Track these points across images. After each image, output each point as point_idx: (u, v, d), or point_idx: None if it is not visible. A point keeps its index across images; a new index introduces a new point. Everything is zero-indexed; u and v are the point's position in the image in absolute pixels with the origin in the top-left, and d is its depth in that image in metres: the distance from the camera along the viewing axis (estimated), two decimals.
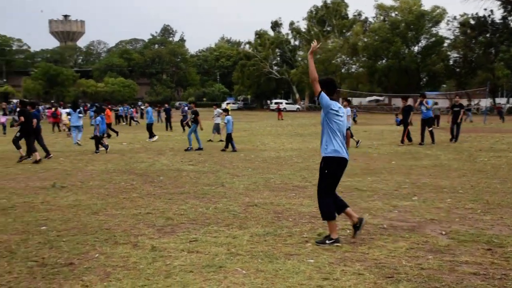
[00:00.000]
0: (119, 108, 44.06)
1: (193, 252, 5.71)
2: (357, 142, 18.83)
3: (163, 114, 35.83)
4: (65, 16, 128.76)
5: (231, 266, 5.21)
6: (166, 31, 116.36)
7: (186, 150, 18.00)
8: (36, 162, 14.66)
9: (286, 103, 78.22)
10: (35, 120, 15.72)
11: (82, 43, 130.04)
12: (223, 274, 4.99)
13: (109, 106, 32.18)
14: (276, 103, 76.43)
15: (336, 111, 6.12)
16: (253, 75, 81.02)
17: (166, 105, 35.10)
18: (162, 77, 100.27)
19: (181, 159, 15.38)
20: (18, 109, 17.90)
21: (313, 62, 6.22)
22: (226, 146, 18.02)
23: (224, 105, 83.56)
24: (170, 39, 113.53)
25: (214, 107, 23.81)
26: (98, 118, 18.16)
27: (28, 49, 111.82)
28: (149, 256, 5.58)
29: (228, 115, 19.10)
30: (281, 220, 7.32)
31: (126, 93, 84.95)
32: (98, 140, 17.77)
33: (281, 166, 13.61)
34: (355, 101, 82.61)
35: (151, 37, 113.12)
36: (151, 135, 23.21)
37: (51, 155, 15.93)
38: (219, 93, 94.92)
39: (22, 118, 14.99)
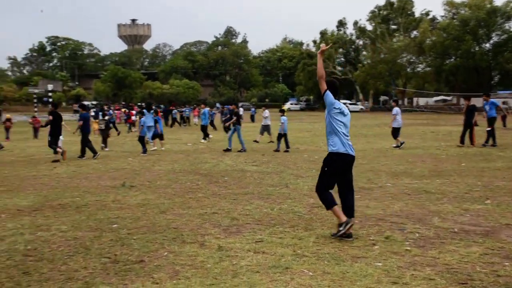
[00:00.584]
0: (184, 109, 44.88)
1: (259, 253, 5.75)
2: (401, 144, 18.40)
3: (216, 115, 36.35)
4: (133, 20, 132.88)
5: (298, 268, 5.20)
6: (229, 33, 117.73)
7: (225, 150, 18.19)
8: (55, 161, 15.47)
9: (349, 104, 77.26)
10: (80, 122, 16.97)
11: (148, 46, 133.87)
12: (289, 275, 4.99)
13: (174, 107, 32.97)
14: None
15: (339, 109, 6.49)
16: (316, 75, 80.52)
17: (230, 107, 35.38)
18: (225, 79, 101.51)
19: (245, 160, 15.51)
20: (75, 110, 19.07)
21: (322, 61, 6.55)
22: (278, 146, 18.22)
23: (287, 105, 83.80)
24: (233, 40, 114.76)
25: (263, 108, 23.91)
26: (143, 119, 18.80)
27: (98, 53, 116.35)
28: (216, 256, 5.66)
29: (283, 115, 19.16)
30: None
31: (190, 94, 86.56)
32: (143, 141, 18.30)
33: None
34: (422, 101, 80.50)
35: (214, 39, 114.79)
36: (205, 136, 23.67)
37: (99, 153, 16.79)
38: (282, 94, 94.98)
39: (51, 117, 16.09)
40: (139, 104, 57.19)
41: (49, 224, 7.31)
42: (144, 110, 19.84)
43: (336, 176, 6.42)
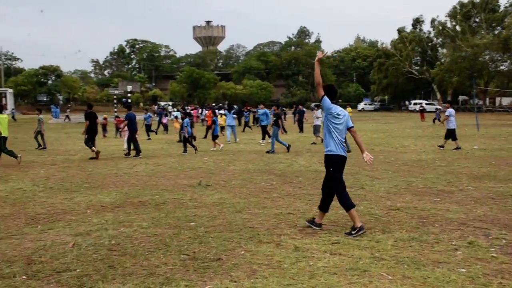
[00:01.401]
0: (257, 109, 45.14)
1: (335, 254, 5.70)
2: (457, 148, 17.90)
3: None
4: (208, 22, 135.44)
5: (376, 271, 5.11)
6: (303, 33, 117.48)
7: (267, 152, 18.12)
8: (92, 158, 16.52)
9: (426, 104, 74.89)
10: (126, 122, 17.90)
11: (222, 47, 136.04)
12: (367, 278, 4.91)
13: (248, 108, 33.27)
14: (415, 103, 73.54)
15: (336, 113, 6.89)
16: (391, 75, 78.65)
17: (300, 107, 35.28)
18: (298, 79, 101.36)
19: (319, 160, 15.40)
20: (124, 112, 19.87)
21: (318, 69, 6.96)
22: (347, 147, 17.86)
23: (362, 105, 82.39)
24: (306, 40, 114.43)
25: (316, 108, 23.79)
26: (186, 119, 19.14)
27: (174, 55, 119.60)
28: (293, 256, 5.66)
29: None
30: (427, 225, 7.02)
31: (262, 95, 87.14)
32: (186, 141, 18.64)
33: (424, 169, 13.07)
34: (505, 100, 76.61)
35: (287, 39, 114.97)
36: (264, 136, 23.71)
37: (141, 155, 17.21)
38: (355, 94, 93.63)
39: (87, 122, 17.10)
40: (213, 104, 58.23)
41: (130, 221, 7.60)
42: (225, 111, 20.42)
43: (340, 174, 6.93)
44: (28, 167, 14.37)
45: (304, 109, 35.54)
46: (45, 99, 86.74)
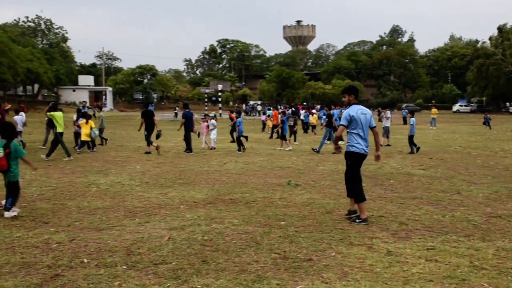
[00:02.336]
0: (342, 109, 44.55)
1: (431, 261, 5.50)
2: None
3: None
4: (298, 22, 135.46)
5: (476, 281, 4.87)
6: (395, 31, 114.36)
7: (313, 150, 18.43)
8: (147, 152, 17.64)
9: None
10: (183, 120, 18.43)
11: (312, 46, 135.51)
12: None
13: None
14: None
15: (356, 117, 7.65)
16: (491, 75, 74.45)
17: (380, 109, 34.26)
18: (389, 79, 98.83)
19: (411, 163, 14.95)
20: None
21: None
22: (412, 149, 18.02)
23: (456, 107, 78.77)
24: (399, 39, 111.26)
25: (387, 109, 23.11)
26: (239, 119, 19.39)
27: (264, 54, 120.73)
28: (385, 260, 5.53)
29: (412, 117, 19.05)
30: None
31: None
32: (239, 140, 18.94)
33: None
34: None
35: (379, 38, 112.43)
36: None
37: (193, 152, 17.97)
38: (450, 95, 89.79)
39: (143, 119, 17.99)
40: (304, 104, 58.17)
41: (222, 217, 7.76)
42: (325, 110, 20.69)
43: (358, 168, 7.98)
44: (125, 162, 15.09)
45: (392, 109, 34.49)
46: (140, 97, 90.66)
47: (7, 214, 7.73)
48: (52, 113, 16.28)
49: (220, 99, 56.07)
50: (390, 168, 13.82)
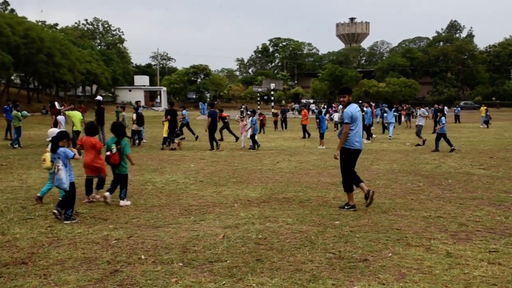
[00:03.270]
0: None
1: (494, 264, 5.30)
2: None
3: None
4: (351, 19, 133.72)
5: None
6: (453, 27, 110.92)
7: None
8: (172, 149, 18.73)
9: None
10: (209, 119, 18.92)
11: (365, 44, 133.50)
12: None
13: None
14: None
15: (356, 116, 8.25)
16: None
17: (436, 106, 33.14)
18: (446, 76, 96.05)
19: (470, 162, 14.49)
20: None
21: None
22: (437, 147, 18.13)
23: (486, 106, 75.47)
24: (457, 35, 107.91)
25: (418, 107, 22.44)
26: (253, 118, 19.57)
27: (316, 52, 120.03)
28: (444, 262, 5.37)
29: (443, 116, 18.83)
30: None
31: (407, 92, 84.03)
32: (253, 138, 19.28)
33: None
34: None
35: (436, 34, 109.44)
36: (369, 136, 22.81)
37: (214, 149, 18.67)
38: None
39: (169, 116, 19.19)
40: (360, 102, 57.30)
41: (276, 216, 7.75)
42: (386, 108, 20.51)
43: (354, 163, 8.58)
44: (180, 161, 15.33)
45: (446, 107, 33.42)
46: (194, 96, 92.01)
47: (122, 202, 8.71)
48: (69, 112, 17.77)
49: (272, 98, 56.06)
50: (448, 167, 13.43)
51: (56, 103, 22.79)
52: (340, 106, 34.40)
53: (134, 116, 20.65)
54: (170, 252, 5.86)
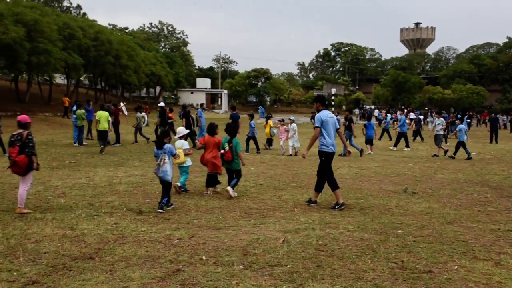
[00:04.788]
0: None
1: None
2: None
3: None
4: (416, 24, 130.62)
5: None
6: None
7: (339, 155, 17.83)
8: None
9: None
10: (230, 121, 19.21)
11: (431, 49, 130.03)
12: None
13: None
14: None
15: (326, 120, 8.96)
16: None
17: (493, 115, 31.75)
18: None
19: None
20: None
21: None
22: (455, 153, 18.39)
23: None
24: None
25: (437, 116, 21.37)
26: (252, 121, 20.05)
27: (379, 58, 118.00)
28: None
29: (461, 123, 19.15)
30: None
31: (474, 100, 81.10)
32: (252, 140, 19.85)
33: None
34: None
35: (507, 40, 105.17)
36: (396, 144, 22.04)
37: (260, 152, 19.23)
38: None
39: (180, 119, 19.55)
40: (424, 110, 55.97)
41: (336, 223, 7.67)
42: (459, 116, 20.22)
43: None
44: None
45: (505, 117, 31.87)
46: (254, 100, 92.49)
47: (232, 192, 9.78)
48: (98, 112, 18.78)
49: (333, 103, 55.61)
50: None
51: (109, 104, 23.62)
52: (398, 113, 33.74)
53: (197, 118, 21.22)
54: (231, 254, 5.91)
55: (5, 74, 45.71)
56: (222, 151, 9.92)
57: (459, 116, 24.88)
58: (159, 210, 8.24)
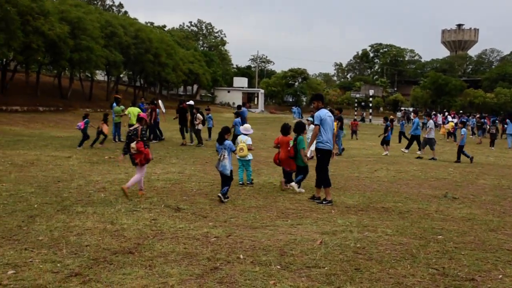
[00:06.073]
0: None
1: None
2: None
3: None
4: (459, 26, 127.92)
5: None
6: None
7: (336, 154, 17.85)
8: (182, 144, 20.01)
9: None
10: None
11: (473, 51, 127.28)
12: None
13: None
14: None
15: (325, 119, 9.37)
16: None
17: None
18: None
19: None
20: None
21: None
22: (458, 159, 18.36)
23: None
24: None
25: (428, 118, 20.94)
26: (237, 119, 19.57)
27: (419, 59, 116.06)
28: None
29: (464, 127, 19.04)
30: None
31: None
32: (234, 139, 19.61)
33: None
34: None
35: None
36: (409, 146, 21.59)
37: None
38: None
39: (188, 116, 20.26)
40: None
41: (374, 226, 7.57)
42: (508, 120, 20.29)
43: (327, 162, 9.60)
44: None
45: None
46: (290, 100, 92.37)
47: (296, 188, 10.30)
48: (129, 108, 19.26)
49: (370, 104, 55.02)
50: None
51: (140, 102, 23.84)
52: (412, 115, 33.14)
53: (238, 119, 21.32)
54: (268, 254, 5.90)
55: (49, 70, 46.93)
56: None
57: (464, 119, 24.14)
58: (219, 195, 9.08)
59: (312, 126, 18.68)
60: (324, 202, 9.22)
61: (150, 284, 4.81)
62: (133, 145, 9.11)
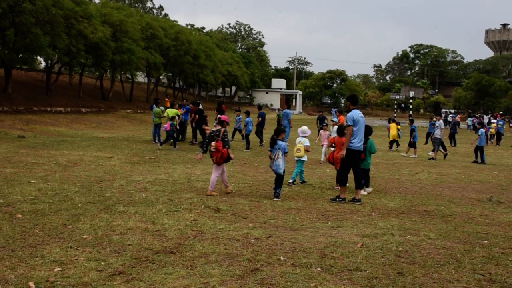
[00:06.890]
0: None
1: None
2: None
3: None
4: (503, 25, 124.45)
5: None
6: None
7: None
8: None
9: None
10: (259, 119, 21.28)
11: None
12: None
13: None
14: None
15: (357, 119, 9.45)
16: None
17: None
18: None
19: None
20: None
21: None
22: (476, 157, 18.28)
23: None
24: None
25: (437, 117, 19.79)
26: (248, 118, 20.48)
27: (461, 60, 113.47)
28: None
29: (482, 128, 18.78)
30: None
31: None
32: (247, 137, 20.13)
33: None
34: None
35: None
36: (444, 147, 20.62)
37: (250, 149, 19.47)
38: None
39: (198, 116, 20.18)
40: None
41: (416, 229, 7.43)
42: None
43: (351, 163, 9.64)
44: (315, 165, 15.39)
45: None
46: (328, 101, 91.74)
47: (364, 192, 10.44)
48: (168, 110, 19.72)
49: (410, 106, 54.01)
50: None
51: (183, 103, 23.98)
52: (484, 116, 32.29)
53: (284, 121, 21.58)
54: (309, 256, 5.86)
55: (91, 72, 47.99)
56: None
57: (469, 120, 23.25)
58: (276, 194, 9.62)
59: (336, 127, 18.54)
60: (337, 200, 9.50)
61: (192, 284, 4.84)
62: (212, 143, 9.70)
